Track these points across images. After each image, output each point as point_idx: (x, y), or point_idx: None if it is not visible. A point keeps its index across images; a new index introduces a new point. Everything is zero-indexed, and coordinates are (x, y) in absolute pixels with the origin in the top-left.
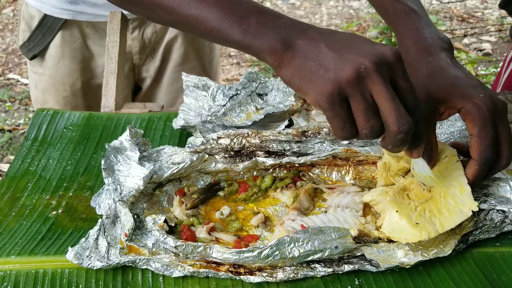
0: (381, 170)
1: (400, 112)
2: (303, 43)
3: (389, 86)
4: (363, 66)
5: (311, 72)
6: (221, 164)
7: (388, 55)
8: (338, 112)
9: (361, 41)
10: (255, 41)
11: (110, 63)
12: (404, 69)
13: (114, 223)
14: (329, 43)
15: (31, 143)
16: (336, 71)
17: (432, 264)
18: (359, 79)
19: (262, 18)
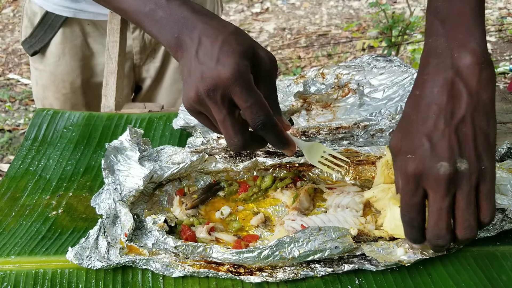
0: (383, 168)
1: (229, 134)
2: (187, 45)
3: (222, 109)
4: (199, 91)
5: (184, 81)
6: (221, 164)
7: (222, 78)
8: (200, 120)
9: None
10: (159, 36)
11: (110, 63)
12: (244, 88)
13: (114, 223)
14: (197, 53)
15: (31, 143)
16: (187, 91)
17: (432, 263)
18: (199, 101)
19: (166, 12)
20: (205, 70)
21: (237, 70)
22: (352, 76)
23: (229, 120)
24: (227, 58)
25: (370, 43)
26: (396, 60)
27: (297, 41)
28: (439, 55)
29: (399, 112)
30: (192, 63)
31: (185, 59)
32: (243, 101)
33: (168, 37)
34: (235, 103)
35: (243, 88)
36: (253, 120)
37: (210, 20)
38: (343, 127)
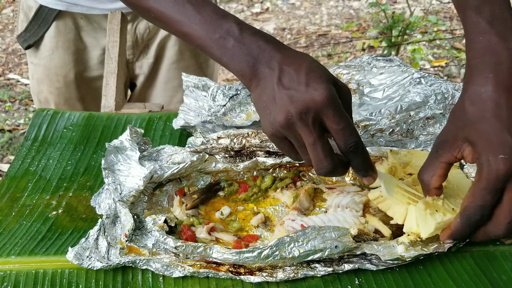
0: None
1: (319, 157)
2: (265, 73)
3: (313, 132)
4: (290, 114)
5: (263, 108)
6: (221, 164)
7: (316, 100)
8: (282, 147)
9: (301, 78)
10: (230, 64)
11: (110, 63)
12: (336, 110)
13: (114, 223)
14: (280, 80)
15: (31, 143)
16: (274, 116)
17: (432, 263)
18: (288, 125)
19: (238, 41)
20: (294, 94)
21: (329, 94)
22: (352, 75)
23: (320, 143)
24: (316, 83)
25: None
26: (396, 59)
27: (297, 41)
28: (496, 54)
29: (399, 112)
30: (275, 89)
31: (264, 86)
32: (336, 123)
33: (242, 66)
34: (324, 127)
35: (336, 112)
36: (345, 142)
37: (286, 50)
38: None
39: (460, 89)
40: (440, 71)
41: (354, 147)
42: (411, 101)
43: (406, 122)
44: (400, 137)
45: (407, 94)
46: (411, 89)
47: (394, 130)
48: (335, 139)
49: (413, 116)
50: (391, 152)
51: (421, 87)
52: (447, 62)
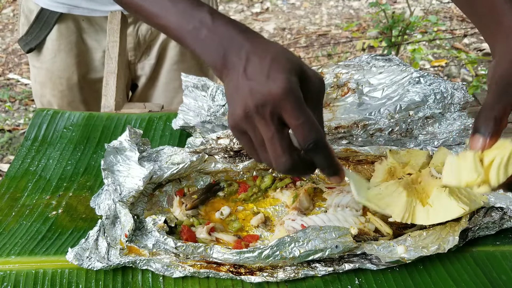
0: (386, 175)
1: (277, 152)
2: (233, 63)
3: (270, 126)
4: (247, 107)
5: (229, 100)
6: (221, 164)
7: (273, 93)
8: (242, 142)
9: (268, 68)
10: (203, 55)
11: (110, 63)
12: (295, 104)
13: (114, 223)
14: (245, 70)
15: (31, 143)
16: (234, 107)
17: (432, 263)
18: (246, 118)
19: (211, 31)
20: (254, 85)
21: (288, 86)
22: (351, 75)
23: (278, 137)
24: (277, 73)
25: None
26: (395, 59)
27: (297, 41)
28: None
29: (398, 111)
30: (239, 80)
31: (231, 76)
32: (294, 118)
33: (214, 56)
34: (284, 121)
35: (295, 105)
36: (304, 138)
37: (257, 38)
38: (342, 127)
39: (460, 88)
40: (440, 71)
41: (313, 143)
42: (410, 101)
43: (405, 121)
44: (399, 136)
45: (406, 94)
46: (410, 89)
47: (393, 129)
48: (295, 135)
49: (412, 116)
50: (390, 151)
51: (420, 86)
52: (447, 62)
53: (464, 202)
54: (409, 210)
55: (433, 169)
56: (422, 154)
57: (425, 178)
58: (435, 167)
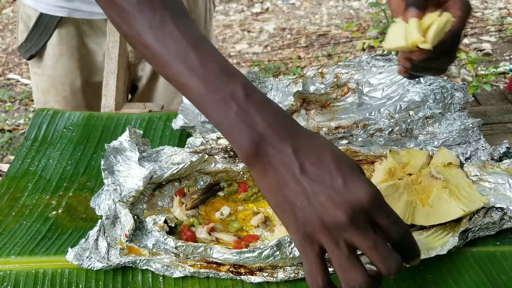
0: (386, 176)
1: (385, 256)
2: (277, 157)
3: (369, 234)
4: (338, 218)
5: (284, 203)
6: (221, 164)
7: (364, 201)
8: (307, 252)
9: (334, 172)
10: (230, 134)
11: (110, 63)
12: (384, 206)
13: (114, 223)
14: (302, 169)
15: (31, 143)
16: (311, 213)
17: (432, 263)
18: (335, 231)
19: (242, 108)
20: (334, 195)
21: (374, 190)
22: (351, 75)
23: (380, 241)
24: (355, 179)
25: (370, 43)
26: (395, 59)
27: (297, 41)
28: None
29: (398, 111)
30: (302, 183)
31: (280, 176)
32: (386, 217)
33: (244, 141)
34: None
35: (385, 205)
36: (398, 235)
37: (298, 131)
38: (342, 127)
39: (460, 88)
40: None
41: (408, 235)
42: (410, 101)
43: (405, 121)
44: (399, 136)
45: (406, 94)
46: (410, 89)
47: (393, 129)
48: (388, 234)
49: (412, 116)
50: (390, 152)
51: (420, 86)
52: None
53: (464, 203)
54: (409, 210)
55: (433, 170)
56: (422, 154)
57: (425, 179)
58: (435, 168)
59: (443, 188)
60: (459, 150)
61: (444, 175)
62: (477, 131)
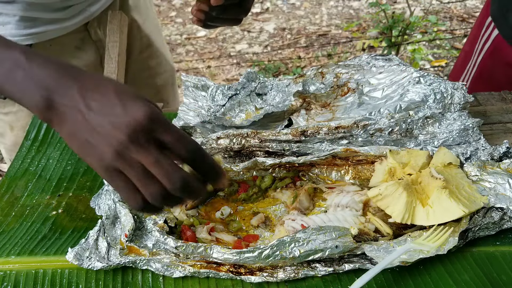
0: (386, 176)
1: (169, 171)
2: (66, 105)
3: (150, 150)
4: (119, 141)
5: (83, 144)
6: (221, 164)
7: (141, 118)
8: (117, 183)
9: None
10: (22, 99)
11: (110, 63)
12: (164, 123)
13: (114, 223)
14: (89, 108)
15: (31, 143)
16: (102, 146)
17: (432, 263)
18: (120, 155)
19: (28, 71)
20: (114, 119)
21: (150, 109)
22: (351, 75)
23: (163, 157)
24: (131, 102)
25: (370, 43)
26: (395, 59)
27: (297, 41)
28: None
29: (398, 111)
30: (90, 120)
31: (73, 120)
32: (171, 134)
33: (36, 100)
34: (160, 143)
35: (165, 123)
36: (187, 148)
37: (83, 75)
38: (342, 127)
39: (460, 88)
40: (440, 71)
41: (197, 150)
42: (410, 101)
43: (405, 121)
44: (399, 136)
45: (406, 94)
46: (410, 89)
47: (393, 129)
48: (175, 151)
49: (412, 116)
50: (390, 152)
51: (420, 86)
52: (447, 62)
53: (464, 204)
54: (409, 210)
55: (433, 170)
56: (422, 154)
57: (425, 179)
58: (435, 168)
59: (443, 188)
60: (459, 150)
61: (444, 175)
62: (477, 131)
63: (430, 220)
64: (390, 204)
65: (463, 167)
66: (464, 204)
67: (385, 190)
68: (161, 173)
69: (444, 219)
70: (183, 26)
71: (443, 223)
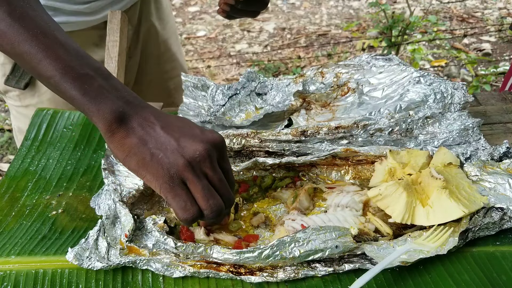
0: (386, 176)
1: (228, 190)
2: (138, 122)
3: (218, 169)
4: (197, 152)
5: (150, 156)
6: None
7: (217, 141)
8: (178, 192)
9: (192, 126)
10: (92, 105)
11: (110, 63)
12: (226, 153)
13: (114, 223)
14: (164, 126)
15: (31, 143)
16: (175, 156)
17: (432, 263)
18: (195, 163)
19: (105, 84)
20: (193, 135)
21: (222, 137)
22: (351, 75)
23: (224, 178)
24: (206, 130)
25: (370, 43)
26: (395, 59)
27: (297, 41)
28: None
29: (398, 111)
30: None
31: (140, 137)
32: (227, 162)
33: (106, 110)
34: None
35: (226, 151)
36: (230, 179)
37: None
38: (343, 127)
39: (460, 88)
40: (440, 71)
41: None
42: (410, 101)
43: (406, 121)
44: (399, 136)
45: (406, 93)
46: (410, 88)
47: (393, 129)
48: (226, 176)
49: (412, 116)
50: (390, 152)
51: (420, 86)
52: (447, 62)
53: (464, 204)
54: (409, 210)
55: (433, 170)
56: (422, 154)
57: (425, 179)
58: (435, 168)
59: (443, 188)
60: (459, 150)
61: (444, 175)
62: (477, 131)
63: (430, 220)
64: (390, 204)
65: (463, 167)
66: (464, 204)
67: (385, 190)
68: (224, 190)
69: (444, 219)
70: (183, 26)
71: (443, 223)
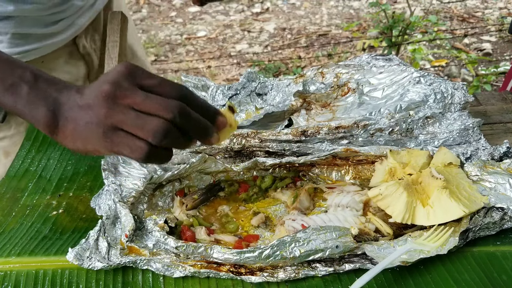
0: (386, 176)
1: (161, 103)
2: (65, 110)
3: (137, 91)
4: (103, 94)
5: (85, 131)
6: (221, 165)
7: (120, 70)
8: (117, 140)
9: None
10: (27, 112)
11: (110, 63)
12: (145, 71)
13: (114, 224)
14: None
15: (31, 143)
16: (94, 113)
17: (433, 263)
18: (111, 106)
19: (34, 86)
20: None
21: (131, 63)
22: (351, 75)
23: (151, 96)
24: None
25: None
26: (395, 59)
27: (297, 41)
28: None
29: (399, 111)
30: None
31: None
32: (150, 78)
33: (40, 114)
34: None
35: (145, 71)
36: (171, 90)
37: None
38: (343, 127)
39: (460, 88)
40: (440, 71)
41: (185, 89)
42: (410, 101)
43: (406, 121)
44: (399, 136)
45: (406, 94)
46: (410, 88)
47: (393, 129)
48: (162, 93)
49: (412, 116)
50: (390, 152)
51: (420, 86)
52: (447, 62)
53: (464, 204)
54: (409, 210)
55: (434, 170)
56: (422, 154)
57: (426, 179)
58: (435, 168)
59: (443, 188)
60: (460, 150)
61: (445, 175)
62: (477, 131)
63: (430, 220)
64: (391, 204)
65: (463, 167)
66: (464, 204)
67: (385, 190)
68: (154, 106)
69: (445, 219)
70: (183, 26)
71: (443, 223)
